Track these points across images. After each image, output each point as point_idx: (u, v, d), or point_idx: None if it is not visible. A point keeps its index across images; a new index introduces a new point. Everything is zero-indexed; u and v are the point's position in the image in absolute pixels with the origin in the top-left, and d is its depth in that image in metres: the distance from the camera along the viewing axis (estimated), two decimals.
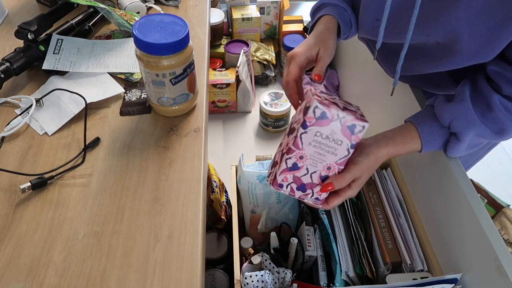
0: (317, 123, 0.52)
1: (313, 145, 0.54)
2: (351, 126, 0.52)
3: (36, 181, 0.57)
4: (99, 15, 0.87)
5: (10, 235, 0.54)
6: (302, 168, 0.56)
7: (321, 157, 0.55)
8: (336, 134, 0.53)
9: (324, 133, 0.53)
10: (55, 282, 0.49)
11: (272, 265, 0.69)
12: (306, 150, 0.55)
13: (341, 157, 0.55)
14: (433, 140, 0.61)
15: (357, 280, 0.71)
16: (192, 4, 0.95)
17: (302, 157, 0.55)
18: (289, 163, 0.56)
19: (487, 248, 0.56)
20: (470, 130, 0.58)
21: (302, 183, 0.57)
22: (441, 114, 0.59)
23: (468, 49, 0.54)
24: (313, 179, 0.57)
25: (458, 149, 0.61)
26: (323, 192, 0.58)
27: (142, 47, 0.59)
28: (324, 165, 0.56)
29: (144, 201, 0.57)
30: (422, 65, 0.64)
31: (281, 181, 0.58)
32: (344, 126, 0.52)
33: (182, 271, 0.50)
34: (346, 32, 0.71)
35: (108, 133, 0.66)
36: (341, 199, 0.59)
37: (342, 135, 0.53)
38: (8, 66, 0.68)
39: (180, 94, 0.65)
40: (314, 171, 0.56)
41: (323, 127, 0.53)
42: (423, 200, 0.74)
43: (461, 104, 0.57)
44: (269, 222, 0.84)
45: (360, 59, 1.25)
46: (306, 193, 0.58)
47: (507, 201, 1.31)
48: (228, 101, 1.37)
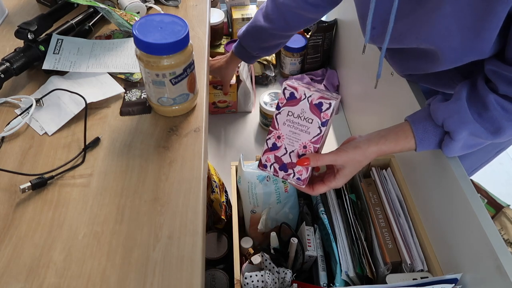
0: (288, 103, 0.58)
1: (287, 125, 0.59)
2: (318, 104, 0.57)
3: (36, 181, 0.57)
4: (99, 15, 0.87)
5: (10, 235, 0.54)
6: (281, 148, 0.61)
7: (296, 136, 0.59)
8: (306, 112, 0.58)
9: (295, 112, 0.58)
10: (55, 282, 0.49)
11: (272, 265, 0.69)
12: (282, 130, 0.60)
13: (314, 135, 0.59)
14: (427, 139, 0.61)
15: (357, 280, 0.71)
16: (192, 4, 0.95)
17: (280, 137, 0.60)
18: (269, 143, 0.61)
19: (487, 248, 0.56)
20: (463, 129, 0.57)
21: (283, 162, 0.61)
22: (435, 112, 0.60)
23: (461, 44, 0.55)
24: (292, 158, 0.61)
25: (453, 149, 0.61)
26: (302, 170, 0.61)
27: (142, 47, 0.59)
28: (300, 144, 0.60)
29: (144, 201, 0.57)
30: (424, 64, 0.64)
31: (264, 161, 0.62)
32: (311, 104, 0.57)
33: (182, 271, 0.50)
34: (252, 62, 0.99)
35: (108, 133, 0.66)
36: (325, 187, 0.62)
37: (311, 113, 0.58)
38: (8, 66, 0.68)
39: (180, 94, 0.65)
40: (292, 150, 0.60)
41: (294, 107, 0.58)
42: (423, 200, 0.74)
43: (455, 103, 0.57)
44: (269, 222, 0.84)
45: (360, 59, 1.25)
46: (288, 173, 0.62)
47: (507, 201, 1.31)
48: (228, 102, 1.37)
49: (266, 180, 0.78)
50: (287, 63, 1.54)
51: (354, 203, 0.81)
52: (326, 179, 0.62)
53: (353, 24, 1.32)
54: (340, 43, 1.50)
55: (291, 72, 1.57)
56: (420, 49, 0.62)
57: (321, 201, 0.83)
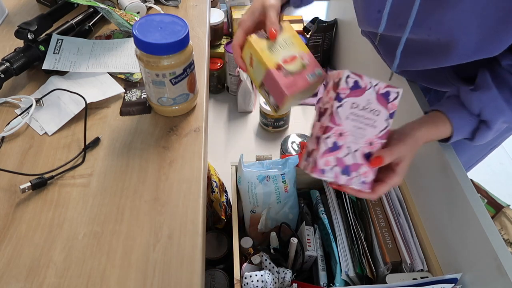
0: (352, 93, 0.51)
1: (351, 119, 0.51)
2: (386, 93, 0.51)
3: (36, 181, 0.57)
4: (99, 15, 0.87)
5: (10, 235, 0.54)
6: (343, 147, 0.52)
7: (361, 131, 0.52)
8: (372, 103, 0.51)
9: (360, 103, 0.51)
10: (55, 282, 0.49)
11: (272, 265, 0.69)
12: (344, 126, 0.52)
13: (381, 129, 0.52)
14: (462, 127, 0.60)
15: (357, 280, 0.71)
16: (192, 4, 0.95)
17: (342, 134, 0.52)
18: (329, 142, 0.52)
19: (487, 248, 0.56)
20: (500, 117, 0.58)
21: (345, 165, 0.53)
22: (470, 102, 0.59)
23: (475, 42, 0.54)
24: (357, 159, 0.53)
25: (487, 137, 0.61)
26: (371, 171, 0.53)
27: (142, 47, 0.59)
28: (365, 141, 0.52)
29: (144, 201, 0.57)
30: (426, 60, 0.64)
31: (323, 166, 0.52)
32: (378, 94, 0.51)
33: (182, 271, 0.50)
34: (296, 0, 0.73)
35: (108, 133, 0.66)
36: (387, 186, 0.55)
37: (378, 104, 0.51)
38: (8, 66, 0.68)
39: (180, 94, 0.65)
40: (356, 149, 0.52)
41: (358, 98, 0.51)
42: (423, 200, 0.74)
43: (489, 92, 0.58)
44: (269, 222, 0.84)
45: (360, 59, 1.25)
46: (351, 176, 0.53)
47: (507, 201, 1.31)
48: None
49: (266, 180, 0.78)
50: None
51: (354, 203, 0.81)
52: (386, 177, 0.56)
53: (353, 24, 1.32)
54: (340, 43, 1.50)
55: None
56: (427, 43, 0.61)
57: (321, 201, 0.83)
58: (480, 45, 0.54)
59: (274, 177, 0.78)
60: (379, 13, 0.63)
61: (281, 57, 0.58)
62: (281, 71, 0.57)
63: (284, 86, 0.56)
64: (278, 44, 0.60)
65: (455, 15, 0.53)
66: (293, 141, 1.16)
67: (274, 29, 0.59)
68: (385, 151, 0.53)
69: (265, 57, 0.58)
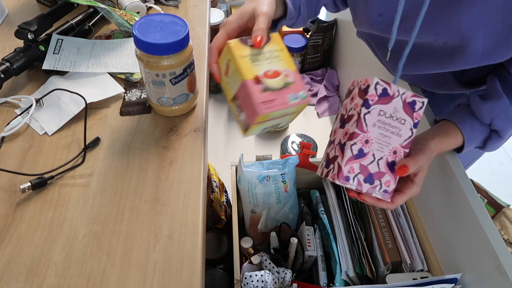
0: (380, 100, 0.51)
1: (377, 126, 0.51)
2: (412, 102, 0.51)
3: (36, 181, 0.57)
4: (99, 15, 0.87)
5: (10, 235, 0.54)
6: (368, 155, 0.52)
7: (386, 139, 0.52)
8: (399, 112, 0.51)
9: (387, 111, 0.51)
10: (55, 282, 0.49)
11: (272, 265, 0.69)
12: (371, 133, 0.51)
13: (406, 138, 0.52)
14: (474, 138, 0.60)
15: (357, 280, 0.71)
16: (192, 4, 0.95)
17: (368, 141, 0.51)
18: (355, 149, 0.51)
19: (487, 248, 0.56)
20: (511, 126, 0.58)
21: (369, 172, 0.52)
22: (481, 112, 0.59)
23: (482, 48, 0.54)
24: (380, 167, 0.52)
25: (498, 145, 0.61)
26: (390, 180, 0.53)
27: (142, 47, 0.59)
28: (390, 149, 0.52)
29: (144, 201, 0.57)
30: (430, 64, 0.63)
31: (347, 173, 0.51)
32: (405, 102, 0.51)
33: (182, 271, 0.50)
34: (293, 18, 0.65)
35: (108, 133, 0.66)
36: (405, 197, 0.55)
37: (404, 113, 0.51)
38: (8, 66, 0.68)
39: (180, 94, 0.65)
40: (381, 157, 0.52)
41: (386, 105, 0.51)
42: (423, 200, 0.74)
43: (499, 101, 0.58)
44: (269, 222, 0.84)
45: (360, 59, 1.25)
46: (374, 185, 0.53)
47: (507, 201, 1.31)
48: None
49: (266, 180, 0.78)
50: None
51: (354, 203, 0.81)
52: (404, 187, 0.56)
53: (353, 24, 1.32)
54: (340, 43, 1.50)
55: None
56: (432, 47, 0.60)
57: (321, 201, 0.83)
58: (488, 51, 0.54)
59: (274, 177, 0.78)
60: (381, 17, 0.62)
61: (263, 69, 0.51)
62: (259, 85, 0.51)
63: (258, 102, 0.50)
64: (262, 55, 0.53)
65: (463, 21, 0.53)
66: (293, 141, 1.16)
67: (260, 36, 0.53)
68: (409, 160, 0.53)
69: (243, 66, 0.51)
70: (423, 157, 0.54)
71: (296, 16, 0.65)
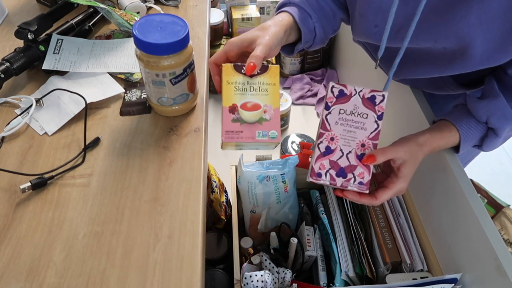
0: (338, 101, 0.56)
1: (340, 123, 0.56)
2: (371, 97, 0.55)
3: (36, 181, 0.57)
4: (99, 15, 0.87)
5: (10, 235, 0.54)
6: (336, 150, 0.56)
7: (351, 134, 0.56)
8: (359, 108, 0.55)
9: (347, 109, 0.55)
10: (55, 282, 0.49)
11: (272, 265, 0.69)
12: (335, 130, 0.56)
13: (372, 130, 0.56)
14: (471, 135, 0.61)
15: (357, 280, 0.71)
16: (192, 4, 0.95)
17: (333, 138, 0.56)
18: (322, 147, 0.56)
19: (487, 248, 0.56)
20: (507, 125, 0.59)
21: (340, 167, 0.55)
22: (477, 110, 0.59)
23: (480, 53, 0.54)
24: (350, 160, 0.55)
25: (496, 144, 0.62)
26: (364, 172, 0.55)
27: (142, 47, 0.59)
28: (357, 143, 0.56)
29: (144, 201, 0.57)
30: (430, 69, 0.64)
31: (318, 170, 0.56)
32: (364, 98, 0.55)
33: (182, 271, 0.50)
34: (309, 40, 0.65)
35: (108, 133, 0.66)
36: (390, 192, 0.56)
37: (365, 108, 0.55)
38: (8, 66, 0.68)
39: (180, 94, 0.65)
40: (349, 151, 0.56)
41: (345, 104, 0.55)
42: (423, 200, 0.74)
43: (496, 100, 0.58)
44: (269, 222, 0.84)
45: (360, 59, 1.25)
46: (348, 178, 0.56)
47: (507, 201, 1.31)
48: None
49: (266, 180, 0.78)
50: (287, 63, 1.54)
51: (354, 203, 0.81)
52: (388, 183, 0.57)
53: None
54: (340, 43, 1.50)
55: (291, 72, 1.57)
56: (431, 52, 0.61)
57: (321, 201, 0.83)
58: (486, 56, 0.54)
59: (274, 177, 0.78)
60: (376, 28, 0.62)
61: (243, 100, 0.54)
62: (233, 114, 0.54)
63: (225, 130, 0.54)
64: (250, 85, 0.55)
65: (460, 29, 0.53)
66: (293, 141, 1.16)
67: (253, 63, 0.54)
68: (378, 150, 0.55)
69: (225, 92, 0.54)
70: (398, 149, 0.56)
71: (312, 38, 0.66)
